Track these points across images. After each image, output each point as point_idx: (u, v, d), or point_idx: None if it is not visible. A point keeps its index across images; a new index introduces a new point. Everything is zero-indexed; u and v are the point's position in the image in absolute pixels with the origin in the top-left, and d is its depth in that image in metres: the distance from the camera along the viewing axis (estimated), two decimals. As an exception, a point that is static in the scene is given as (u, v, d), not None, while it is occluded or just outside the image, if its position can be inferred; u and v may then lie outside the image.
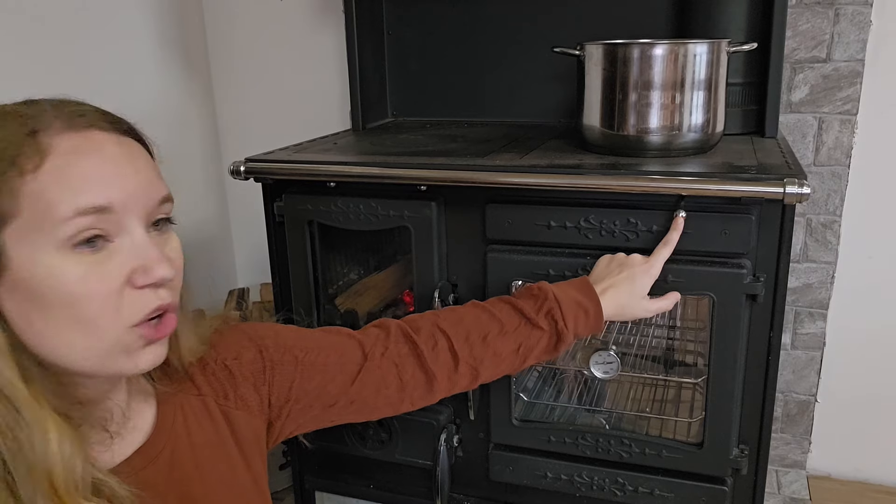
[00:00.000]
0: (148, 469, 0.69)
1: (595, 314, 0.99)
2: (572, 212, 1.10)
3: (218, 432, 0.78)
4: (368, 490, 1.40)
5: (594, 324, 0.99)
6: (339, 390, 0.88)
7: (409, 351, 0.92)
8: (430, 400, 0.96)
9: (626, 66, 1.13)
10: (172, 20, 1.79)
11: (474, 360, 0.94)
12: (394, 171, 1.16)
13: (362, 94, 1.57)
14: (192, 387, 0.78)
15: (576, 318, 0.97)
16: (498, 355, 0.95)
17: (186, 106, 1.87)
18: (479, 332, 0.95)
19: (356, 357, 0.90)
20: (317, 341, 0.88)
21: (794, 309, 1.61)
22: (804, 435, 1.70)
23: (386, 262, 1.56)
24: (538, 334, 0.96)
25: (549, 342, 0.97)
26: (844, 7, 1.43)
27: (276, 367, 0.83)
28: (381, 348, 0.91)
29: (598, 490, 1.21)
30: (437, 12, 1.61)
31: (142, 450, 0.71)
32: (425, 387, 0.94)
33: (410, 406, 0.95)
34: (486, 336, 0.95)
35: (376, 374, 0.90)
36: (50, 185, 0.58)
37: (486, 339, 0.95)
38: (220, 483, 0.76)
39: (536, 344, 0.97)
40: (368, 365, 0.90)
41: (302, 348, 0.86)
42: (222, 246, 2.04)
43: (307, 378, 0.85)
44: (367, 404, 0.91)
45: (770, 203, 1.02)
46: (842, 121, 1.49)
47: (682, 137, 1.15)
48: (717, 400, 1.11)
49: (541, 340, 0.97)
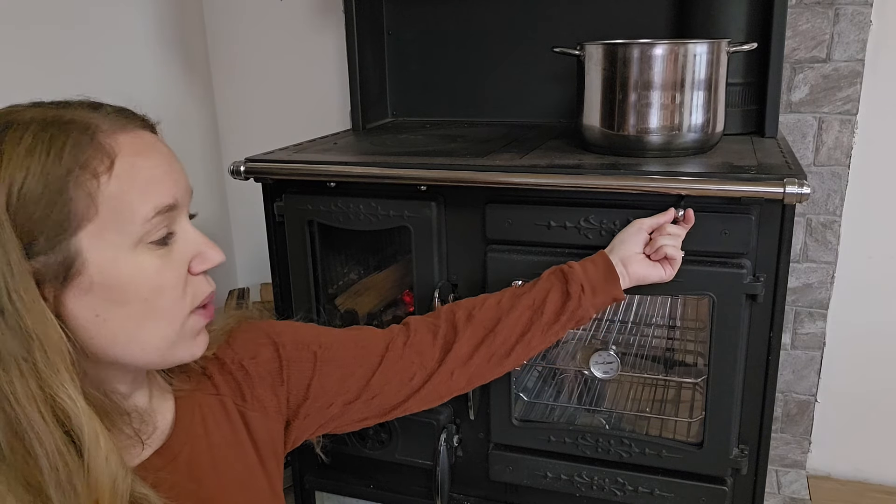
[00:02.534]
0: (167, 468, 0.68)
1: (602, 259, 1.00)
2: (572, 212, 1.10)
3: (235, 432, 0.78)
4: (368, 490, 1.40)
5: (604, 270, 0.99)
6: (359, 384, 0.87)
7: (431, 338, 0.93)
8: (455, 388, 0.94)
9: (626, 66, 1.13)
10: (172, 20, 1.79)
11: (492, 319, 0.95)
12: (394, 171, 1.16)
13: (362, 94, 1.57)
14: (211, 386, 0.78)
15: (583, 265, 0.99)
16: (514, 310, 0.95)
17: (186, 106, 1.87)
18: (494, 298, 0.98)
19: (378, 349, 0.90)
20: (335, 336, 0.89)
21: (794, 309, 1.61)
22: (804, 435, 1.70)
23: (386, 262, 1.56)
24: (546, 284, 0.98)
25: (561, 288, 0.97)
26: (844, 7, 1.43)
27: (294, 364, 0.83)
28: (402, 338, 0.92)
29: (598, 490, 1.21)
30: (437, 12, 1.61)
31: (162, 450, 0.70)
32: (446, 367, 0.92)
33: (438, 399, 0.94)
34: (500, 300, 0.97)
35: (399, 365, 0.90)
36: (124, 186, 0.60)
37: (500, 302, 0.97)
38: (236, 483, 0.76)
39: (548, 294, 0.96)
40: (390, 355, 0.89)
41: (320, 344, 0.86)
42: (222, 246, 2.01)
43: (325, 374, 0.85)
44: (390, 399, 0.90)
45: (770, 203, 1.02)
46: (842, 121, 1.49)
47: (682, 137, 1.15)
48: (717, 400, 1.11)
49: (552, 290, 0.97)
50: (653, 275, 1.01)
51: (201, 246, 0.67)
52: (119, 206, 0.60)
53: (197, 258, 0.67)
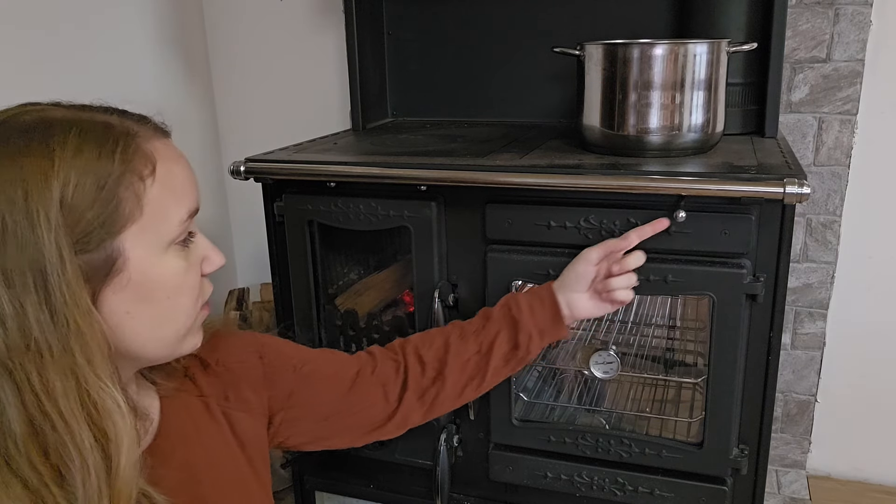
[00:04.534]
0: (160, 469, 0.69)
1: (550, 299, 1.00)
2: (572, 212, 1.10)
3: (222, 433, 0.79)
4: (368, 490, 1.40)
5: (551, 312, 0.99)
6: (334, 399, 0.91)
7: (394, 372, 0.96)
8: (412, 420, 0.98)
9: (626, 66, 1.13)
10: (172, 20, 1.79)
11: (439, 363, 0.97)
12: (394, 171, 1.16)
13: (362, 94, 1.57)
14: (194, 387, 0.79)
15: (531, 307, 0.99)
16: (459, 356, 0.97)
17: (186, 106, 1.87)
18: (443, 338, 0.99)
19: (350, 371, 0.94)
20: (313, 354, 0.93)
21: (794, 309, 1.61)
22: (804, 435, 1.70)
23: (386, 262, 1.56)
24: (493, 326, 0.99)
25: (508, 334, 0.98)
26: (844, 7, 1.43)
27: (276, 373, 0.86)
28: (370, 367, 0.95)
29: (598, 490, 1.21)
30: (437, 12, 1.61)
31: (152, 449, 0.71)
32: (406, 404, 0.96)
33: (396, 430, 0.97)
34: (447, 339, 0.99)
35: (366, 390, 0.93)
36: (164, 189, 0.64)
37: (447, 343, 0.98)
38: (227, 483, 0.77)
39: (496, 337, 0.98)
40: (360, 380, 0.93)
41: (300, 359, 0.90)
42: (222, 246, 2.01)
43: (305, 386, 0.88)
44: (359, 423, 0.94)
45: (770, 203, 1.02)
46: (842, 121, 1.49)
47: (682, 137, 1.15)
48: (717, 400, 1.11)
49: (499, 333, 0.98)
50: (597, 313, 1.04)
51: (209, 249, 0.71)
52: (159, 209, 0.63)
53: (206, 261, 0.71)
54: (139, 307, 0.64)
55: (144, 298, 0.64)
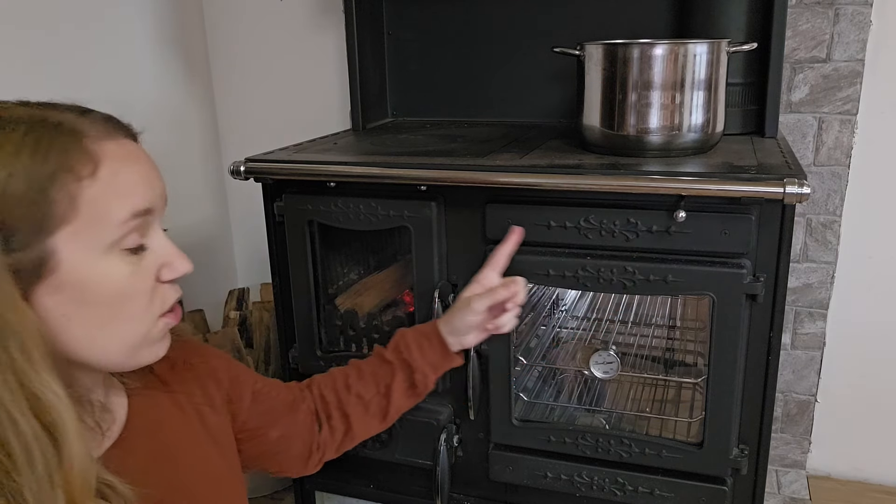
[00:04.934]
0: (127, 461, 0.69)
1: (437, 338, 1.02)
2: (572, 212, 1.10)
3: (190, 425, 0.80)
4: (368, 490, 1.40)
5: (440, 349, 1.02)
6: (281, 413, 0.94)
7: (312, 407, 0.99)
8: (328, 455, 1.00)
9: (626, 66, 1.13)
10: (172, 20, 1.79)
11: (341, 404, 1.00)
12: (394, 171, 1.16)
13: (362, 94, 1.57)
14: (161, 384, 0.80)
15: (420, 346, 1.01)
16: (361, 398, 1.00)
17: (186, 106, 1.87)
18: (343, 380, 1.01)
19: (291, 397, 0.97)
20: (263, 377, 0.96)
21: (794, 309, 1.61)
22: (804, 435, 1.70)
23: (386, 262, 1.56)
24: (389, 368, 1.01)
25: (404, 374, 1.01)
26: (844, 7, 1.43)
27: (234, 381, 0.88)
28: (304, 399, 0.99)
29: (598, 490, 1.21)
30: (437, 12, 1.61)
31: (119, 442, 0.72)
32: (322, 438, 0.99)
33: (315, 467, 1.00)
34: (347, 380, 1.01)
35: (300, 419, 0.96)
36: (105, 190, 0.62)
37: (348, 384, 1.01)
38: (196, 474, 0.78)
39: (393, 379, 1.01)
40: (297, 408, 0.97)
41: (254, 378, 0.93)
42: (222, 246, 2.04)
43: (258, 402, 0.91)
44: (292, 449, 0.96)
45: (770, 203, 1.02)
46: (842, 121, 1.49)
47: (682, 137, 1.15)
48: (717, 400, 1.11)
49: (395, 375, 1.01)
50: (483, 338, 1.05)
51: (171, 256, 0.69)
52: (98, 210, 0.61)
53: (166, 267, 0.68)
54: (77, 311, 0.62)
55: (82, 302, 0.62)
